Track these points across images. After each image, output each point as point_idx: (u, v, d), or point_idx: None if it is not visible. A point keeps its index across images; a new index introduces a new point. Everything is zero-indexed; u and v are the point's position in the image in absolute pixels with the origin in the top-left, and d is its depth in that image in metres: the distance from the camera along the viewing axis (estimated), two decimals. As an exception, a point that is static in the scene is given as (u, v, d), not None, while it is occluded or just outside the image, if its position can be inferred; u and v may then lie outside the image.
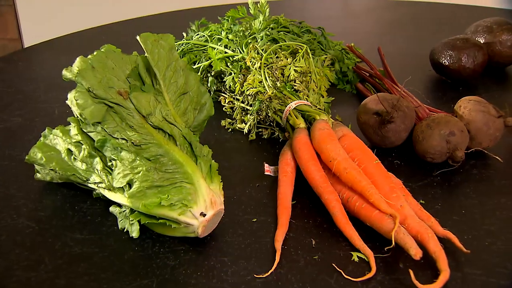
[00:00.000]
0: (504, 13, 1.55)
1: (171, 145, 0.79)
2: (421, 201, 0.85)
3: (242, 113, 1.10)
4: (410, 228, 0.75)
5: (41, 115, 1.18)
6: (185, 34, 1.32)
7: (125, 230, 0.78)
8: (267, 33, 1.18)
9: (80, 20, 2.00)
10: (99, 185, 0.81)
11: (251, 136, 1.06)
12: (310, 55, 1.10)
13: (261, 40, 1.16)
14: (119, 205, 0.80)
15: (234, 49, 1.17)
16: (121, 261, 0.75)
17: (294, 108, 0.98)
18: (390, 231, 0.74)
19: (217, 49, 1.19)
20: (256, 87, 1.06)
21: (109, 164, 0.79)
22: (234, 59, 1.15)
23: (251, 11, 1.27)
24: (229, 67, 1.16)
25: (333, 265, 0.74)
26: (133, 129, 0.78)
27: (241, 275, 0.73)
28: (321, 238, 0.79)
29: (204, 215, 0.75)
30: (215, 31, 1.25)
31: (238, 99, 1.12)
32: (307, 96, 1.05)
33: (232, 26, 1.24)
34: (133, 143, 0.77)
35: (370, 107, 0.97)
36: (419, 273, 0.71)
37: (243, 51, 1.15)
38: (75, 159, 0.82)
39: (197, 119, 0.97)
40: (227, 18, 1.28)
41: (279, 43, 1.14)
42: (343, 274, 0.72)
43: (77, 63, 0.78)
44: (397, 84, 1.09)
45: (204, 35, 1.25)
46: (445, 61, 1.17)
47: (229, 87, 1.15)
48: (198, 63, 1.20)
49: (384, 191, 0.80)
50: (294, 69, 1.05)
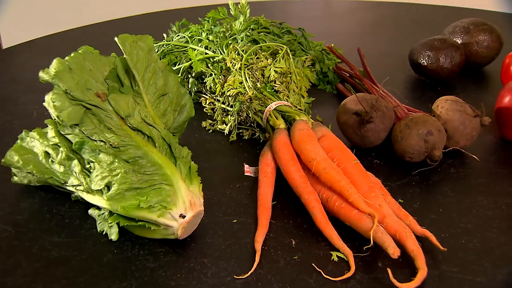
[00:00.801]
0: (481, 14, 1.57)
1: (150, 147, 0.79)
2: (400, 200, 0.86)
3: (222, 114, 1.10)
4: (388, 227, 0.76)
5: (20, 117, 1.16)
6: (165, 35, 1.32)
7: (104, 232, 0.78)
8: (248, 34, 1.18)
9: (60, 21, 1.98)
10: (77, 188, 0.80)
11: (232, 137, 1.06)
12: (290, 55, 1.10)
13: (242, 41, 1.16)
14: (98, 208, 0.80)
15: (214, 50, 1.17)
16: (100, 264, 0.74)
17: (274, 108, 0.98)
18: (368, 231, 0.74)
19: (198, 50, 1.18)
20: (236, 88, 1.06)
21: (87, 166, 0.78)
22: (214, 60, 1.15)
23: (231, 12, 1.27)
24: (209, 68, 1.16)
25: (313, 265, 0.74)
26: (112, 131, 0.78)
27: (221, 276, 0.73)
28: (301, 238, 0.80)
29: (183, 217, 0.75)
30: (195, 32, 1.25)
31: (218, 100, 1.12)
32: (288, 96, 1.05)
33: (212, 27, 1.24)
34: (111, 145, 0.77)
35: (349, 107, 0.98)
36: (398, 271, 0.72)
37: (224, 52, 1.15)
38: (52, 161, 0.81)
39: (177, 121, 0.97)
40: (207, 19, 1.28)
41: (259, 44, 1.14)
42: (323, 273, 0.72)
43: (54, 64, 0.78)
44: (377, 84, 1.10)
45: (184, 36, 1.25)
46: (424, 61, 1.18)
47: (210, 88, 1.15)
48: (178, 64, 1.20)
49: (363, 191, 0.80)
50: (274, 70, 1.06)
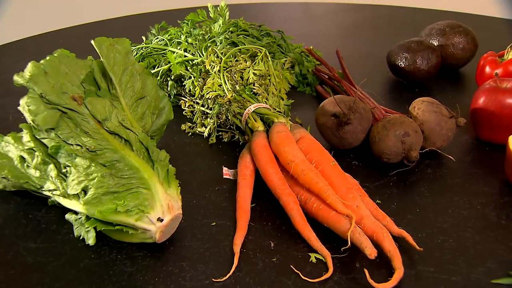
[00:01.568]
0: (456, 16, 1.59)
1: (127, 151, 0.78)
2: (378, 201, 0.87)
3: (202, 116, 1.10)
4: (366, 228, 0.77)
5: (-4, 121, 1.15)
6: (144, 38, 1.31)
7: (81, 237, 0.77)
8: (227, 36, 1.18)
9: (37, 24, 1.96)
10: (53, 193, 0.79)
11: (211, 139, 1.06)
12: (269, 58, 1.11)
13: (221, 43, 1.16)
14: (75, 212, 0.79)
15: (193, 53, 1.17)
16: (77, 269, 0.74)
17: (253, 111, 0.98)
18: (346, 232, 0.75)
19: (177, 53, 1.18)
20: (215, 91, 1.06)
21: (64, 170, 0.77)
22: (193, 62, 1.15)
23: (211, 15, 1.27)
24: (188, 70, 1.15)
25: (291, 266, 0.74)
26: (88, 135, 0.77)
27: (199, 279, 0.73)
28: (279, 240, 0.80)
29: (161, 220, 0.75)
30: (174, 34, 1.24)
31: (198, 103, 1.12)
32: (266, 99, 1.05)
33: (192, 29, 1.24)
34: (88, 149, 0.76)
35: (327, 109, 0.99)
36: (375, 272, 0.73)
37: (203, 54, 1.15)
38: (28, 166, 0.81)
39: (156, 124, 0.97)
40: (187, 21, 1.27)
41: (238, 46, 1.14)
42: (301, 275, 0.73)
43: (29, 68, 0.77)
44: (355, 86, 1.11)
45: (163, 39, 1.24)
46: (401, 63, 1.20)
47: (189, 90, 1.15)
48: (157, 67, 1.20)
49: (341, 192, 0.81)
50: (253, 72, 1.06)
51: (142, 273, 0.73)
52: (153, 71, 1.19)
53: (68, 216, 0.80)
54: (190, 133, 1.09)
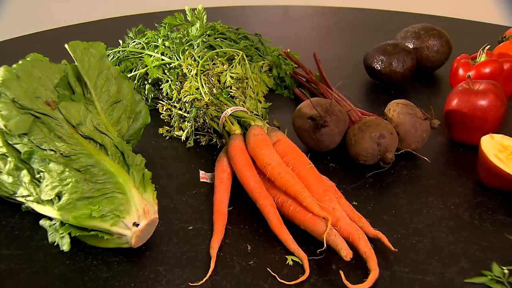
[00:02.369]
0: (430, 19, 1.61)
1: (102, 155, 0.78)
2: (354, 203, 0.87)
3: (179, 120, 1.10)
4: (342, 229, 0.77)
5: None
6: (121, 41, 1.30)
7: (56, 243, 0.76)
8: (204, 39, 1.18)
9: (13, 27, 1.94)
10: (27, 199, 0.78)
11: (189, 143, 1.06)
12: (246, 61, 1.11)
13: (198, 47, 1.16)
14: (49, 218, 0.78)
15: (171, 56, 1.16)
16: (51, 276, 0.73)
17: (230, 114, 0.98)
18: (322, 234, 0.75)
19: (154, 57, 1.18)
20: (193, 94, 1.06)
21: (37, 176, 0.76)
22: (171, 66, 1.15)
23: (188, 18, 1.27)
24: (166, 74, 1.15)
25: (268, 269, 0.75)
26: (62, 140, 0.76)
27: (175, 284, 0.72)
28: (256, 243, 0.80)
29: (137, 225, 0.74)
30: (152, 38, 1.24)
31: (175, 106, 1.12)
32: (244, 102, 1.06)
33: (169, 33, 1.24)
34: (62, 154, 0.75)
35: (304, 112, 0.99)
36: (351, 273, 0.73)
37: (180, 58, 1.15)
38: (0, 172, 0.79)
39: (133, 128, 0.96)
40: (164, 25, 1.27)
41: (216, 49, 1.14)
42: (278, 278, 0.73)
43: (1, 73, 0.76)
44: (332, 88, 1.12)
45: (140, 43, 1.24)
46: (377, 65, 1.21)
47: (166, 94, 1.14)
48: (134, 71, 1.19)
49: (317, 194, 0.81)
50: (230, 76, 1.06)
51: (117, 279, 0.73)
52: (130, 75, 1.18)
53: (42, 222, 0.79)
54: (167, 137, 1.09)
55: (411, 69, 1.21)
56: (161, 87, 1.15)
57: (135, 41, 1.26)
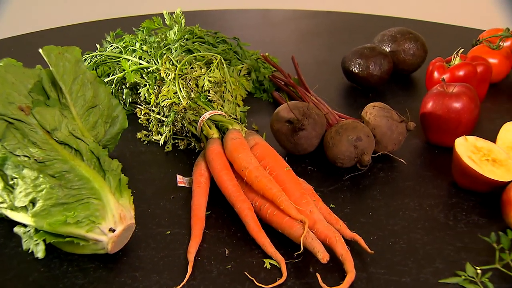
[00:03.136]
0: (406, 23, 1.63)
1: (78, 161, 0.77)
2: (332, 205, 0.88)
3: (158, 124, 1.09)
4: (319, 232, 0.78)
5: None
6: (99, 45, 1.29)
7: (30, 250, 0.75)
8: (182, 43, 1.18)
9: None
10: (0, 205, 0.77)
11: (167, 147, 1.05)
12: (224, 65, 1.11)
13: (176, 51, 1.16)
14: (24, 225, 0.77)
15: (148, 60, 1.16)
16: (25, 283, 0.72)
17: (208, 118, 0.98)
18: (299, 237, 0.76)
19: (131, 61, 1.17)
20: (171, 98, 1.06)
21: (11, 182, 0.75)
22: (148, 70, 1.14)
23: (166, 22, 1.27)
24: (144, 78, 1.15)
25: (246, 273, 0.75)
26: (36, 146, 0.76)
27: (152, 289, 0.72)
28: (234, 247, 0.80)
29: (113, 231, 0.74)
30: (129, 42, 1.23)
31: (153, 111, 1.12)
32: (222, 106, 1.06)
33: (147, 37, 1.23)
34: (36, 160, 0.74)
35: (282, 115, 1.00)
36: (328, 275, 0.74)
37: (158, 62, 1.14)
38: (-27, 179, 0.78)
39: (110, 132, 0.96)
40: (142, 29, 1.26)
41: (194, 53, 1.14)
42: (255, 281, 0.73)
43: (-27, 78, 0.75)
44: (310, 91, 1.13)
45: (118, 47, 1.23)
46: (355, 69, 1.22)
47: (144, 98, 1.14)
48: (112, 75, 1.18)
49: (294, 198, 0.82)
50: (208, 80, 1.06)
51: (93, 285, 0.72)
52: (107, 79, 1.17)
53: (16, 229, 0.78)
54: (145, 141, 1.08)
55: (388, 72, 1.22)
56: (139, 92, 1.15)
57: (112, 45, 1.25)
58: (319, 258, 0.73)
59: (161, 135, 1.07)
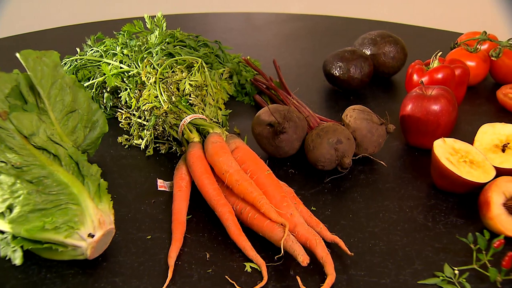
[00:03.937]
0: (387, 26, 1.65)
1: (56, 166, 0.76)
2: (313, 208, 0.88)
3: (139, 128, 1.09)
4: (299, 235, 0.78)
5: None
6: (79, 49, 1.28)
7: (8, 257, 0.74)
8: (163, 47, 1.18)
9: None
10: (-23, 212, 0.76)
11: (149, 151, 1.05)
12: (206, 68, 1.11)
13: (157, 54, 1.15)
14: (1, 232, 0.76)
15: (129, 64, 1.15)
16: (2, 291, 0.71)
17: (189, 122, 0.98)
18: (280, 240, 0.76)
19: (112, 65, 1.16)
20: (152, 102, 1.05)
21: (-13, 189, 0.74)
22: (129, 74, 1.14)
23: (147, 25, 1.26)
24: (125, 82, 1.14)
25: (226, 277, 0.75)
26: (14, 151, 0.75)
27: (132, 295, 0.72)
28: (215, 251, 0.80)
29: (92, 236, 0.73)
30: (110, 46, 1.22)
31: (134, 115, 1.11)
32: (203, 109, 1.06)
33: (128, 40, 1.23)
34: (13, 165, 0.74)
35: (263, 118, 1.00)
36: (308, 278, 0.74)
37: (139, 66, 1.14)
38: (-52, 185, 0.77)
39: (90, 137, 0.95)
40: (123, 32, 1.26)
41: (175, 57, 1.14)
42: (236, 285, 0.73)
43: None
44: (292, 95, 1.13)
45: (98, 50, 1.22)
46: (336, 72, 1.23)
47: (125, 102, 1.13)
48: (92, 79, 1.17)
49: (275, 201, 0.82)
50: (189, 83, 1.06)
51: (73, 292, 0.72)
52: (87, 83, 1.17)
53: (-7, 235, 0.77)
54: (126, 146, 1.08)
55: (368, 75, 1.23)
56: (119, 96, 1.14)
57: (93, 49, 1.24)
58: (299, 261, 0.73)
59: (142, 139, 1.07)
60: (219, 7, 1.97)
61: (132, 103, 1.10)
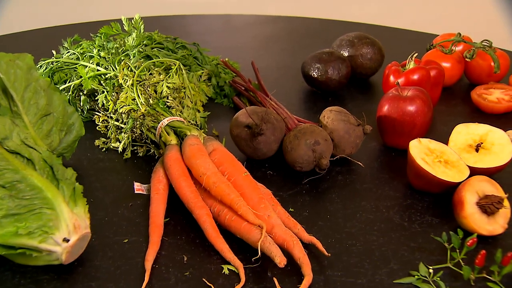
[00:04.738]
0: (364, 28, 1.67)
1: (30, 170, 0.75)
2: (291, 209, 0.89)
3: (116, 131, 1.08)
4: (276, 237, 0.78)
5: None
6: (55, 52, 1.27)
7: (-19, 264, 0.73)
8: (140, 49, 1.17)
9: None
10: (-51, 218, 0.75)
11: (126, 154, 1.04)
12: (184, 70, 1.11)
13: (134, 57, 1.15)
14: (-26, 238, 0.75)
15: (106, 67, 1.15)
16: (-25, 298, 0.70)
17: (166, 124, 0.97)
18: (257, 242, 0.76)
19: (89, 67, 1.15)
20: (129, 105, 1.05)
21: (-41, 194, 0.73)
22: (106, 77, 1.13)
23: (125, 28, 1.25)
24: (102, 85, 1.13)
25: (204, 280, 0.74)
26: (-14, 155, 0.74)
27: (108, 299, 0.71)
28: (193, 253, 0.80)
29: (67, 241, 0.72)
30: (87, 48, 1.21)
31: (112, 118, 1.10)
32: (181, 112, 1.05)
33: (105, 43, 1.22)
34: (-15, 170, 0.72)
35: (241, 120, 1.00)
36: (286, 279, 0.74)
37: (116, 68, 1.13)
38: None
39: (66, 140, 0.94)
40: (100, 35, 1.25)
41: (152, 59, 1.14)
42: (213, 288, 0.73)
43: None
44: (269, 96, 1.14)
45: (75, 53, 1.21)
46: (314, 73, 1.24)
47: (103, 105, 1.12)
48: (69, 82, 1.16)
49: (252, 203, 0.82)
50: (166, 86, 1.06)
51: (47, 297, 0.71)
52: (63, 86, 1.15)
53: (-34, 241, 0.75)
54: (104, 149, 1.07)
55: (346, 76, 1.24)
56: (96, 98, 1.13)
57: (70, 52, 1.23)
58: (276, 262, 0.74)
59: (120, 142, 1.06)
60: (198, 9, 1.96)
61: (109, 105, 1.09)
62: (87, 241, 0.77)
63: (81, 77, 1.14)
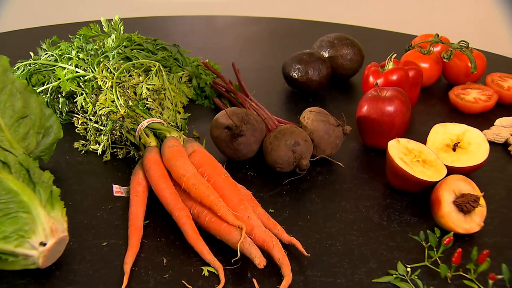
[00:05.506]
0: (344, 29, 1.67)
1: (5, 173, 0.74)
2: (271, 210, 0.89)
3: (96, 133, 1.07)
4: (256, 237, 0.78)
5: None
6: (33, 53, 1.25)
7: (-45, 269, 0.72)
8: (120, 51, 1.16)
9: None
10: None
11: (106, 157, 1.03)
12: (163, 72, 1.10)
13: (113, 58, 1.14)
14: None
15: (85, 68, 1.13)
16: (-51, 304, 0.69)
17: (146, 126, 0.97)
18: (237, 243, 0.76)
19: (67, 69, 1.14)
20: (108, 107, 1.04)
21: None
22: (85, 78, 1.12)
23: (104, 29, 1.24)
24: (81, 87, 1.12)
25: (183, 282, 0.74)
26: (-40, 159, 0.72)
27: (86, 303, 0.70)
28: (173, 255, 0.79)
29: (44, 245, 0.72)
30: (65, 50, 1.20)
31: (91, 120, 1.09)
32: (161, 113, 1.05)
33: (84, 44, 1.21)
34: (-41, 174, 0.71)
35: (221, 122, 1.00)
36: (265, 280, 0.75)
37: (95, 70, 1.12)
38: None
39: (44, 143, 0.93)
40: (79, 36, 1.24)
41: (132, 61, 1.13)
42: (192, 289, 0.73)
43: None
44: (250, 97, 1.14)
45: (53, 55, 1.20)
46: (294, 74, 1.24)
47: (82, 107, 1.11)
48: (47, 84, 1.15)
49: (232, 204, 0.82)
50: (146, 87, 1.05)
51: (24, 302, 0.70)
52: (41, 88, 1.14)
53: None
54: (83, 151, 1.06)
55: (326, 77, 1.25)
56: (75, 100, 1.12)
57: (48, 53, 1.22)
58: (256, 263, 0.74)
59: (99, 144, 1.05)
60: (179, 10, 1.95)
61: (88, 108, 1.08)
62: (65, 245, 0.76)
63: (59, 79, 1.13)
